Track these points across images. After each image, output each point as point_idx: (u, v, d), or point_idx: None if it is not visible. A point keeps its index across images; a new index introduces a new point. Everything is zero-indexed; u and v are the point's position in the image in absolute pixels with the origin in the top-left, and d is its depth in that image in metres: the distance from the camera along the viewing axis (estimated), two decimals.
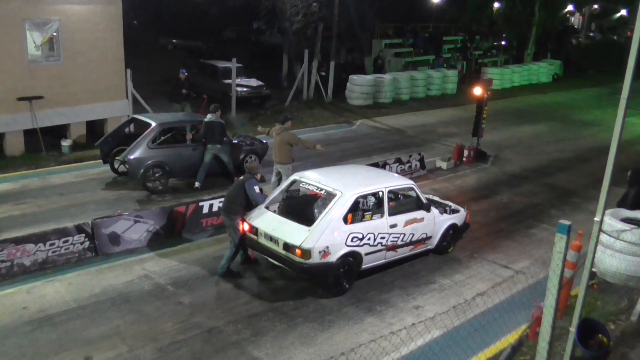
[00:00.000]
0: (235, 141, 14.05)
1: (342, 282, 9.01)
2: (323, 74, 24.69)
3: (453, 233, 10.54)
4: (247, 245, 9.59)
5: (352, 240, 8.86)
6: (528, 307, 7.97)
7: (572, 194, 14.30)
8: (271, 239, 8.94)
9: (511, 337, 7.79)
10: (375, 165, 14.00)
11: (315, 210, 9.24)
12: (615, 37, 49.59)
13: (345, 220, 8.83)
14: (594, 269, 8.45)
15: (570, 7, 45.25)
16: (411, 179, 14.37)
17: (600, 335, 7.33)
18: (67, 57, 15.88)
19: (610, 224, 9.17)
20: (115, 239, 10.06)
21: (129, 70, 17.39)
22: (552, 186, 14.93)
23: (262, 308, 8.55)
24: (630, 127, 20.88)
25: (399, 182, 10.14)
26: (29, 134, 15.52)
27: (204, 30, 39.32)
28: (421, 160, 15.15)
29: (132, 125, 15.08)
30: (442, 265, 10.17)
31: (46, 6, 15.27)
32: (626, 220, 9.33)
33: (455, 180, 14.99)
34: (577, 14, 56.93)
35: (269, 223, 9.12)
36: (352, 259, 8.96)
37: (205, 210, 11.17)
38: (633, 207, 9.87)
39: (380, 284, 9.37)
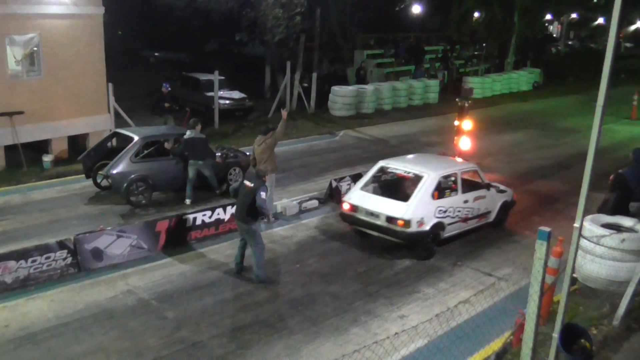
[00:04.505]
0: (218, 154, 14.04)
1: (432, 248, 10.79)
2: (305, 85, 24.79)
3: (504, 209, 11.96)
4: (346, 221, 11.30)
5: (438, 213, 10.72)
6: (512, 314, 8.01)
7: (554, 201, 14.45)
8: (372, 214, 10.69)
9: (495, 345, 7.84)
10: (359, 175, 14.07)
11: (408, 190, 11.10)
12: (593, 45, 50.31)
13: (433, 196, 10.70)
14: (575, 275, 8.56)
15: (548, 16, 45.95)
16: None
17: (582, 340, 7.39)
18: (48, 72, 15.82)
19: (591, 230, 9.30)
20: (98, 254, 9.99)
21: (110, 84, 17.35)
22: (534, 193, 15.07)
23: (246, 321, 8.53)
24: (610, 134, 21.25)
25: (467, 165, 12.15)
26: (10, 149, 15.41)
27: (186, 42, 39.29)
28: None
29: (114, 140, 15.03)
30: (426, 274, 10.22)
31: (26, 21, 15.22)
32: (606, 225, 9.47)
33: None
34: (556, 23, 57.79)
35: (368, 201, 10.91)
36: (438, 228, 10.77)
37: (189, 223, 11.14)
38: (613, 213, 10.01)
39: (365, 294, 9.40)
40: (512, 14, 33.90)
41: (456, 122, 16.03)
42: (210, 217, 11.45)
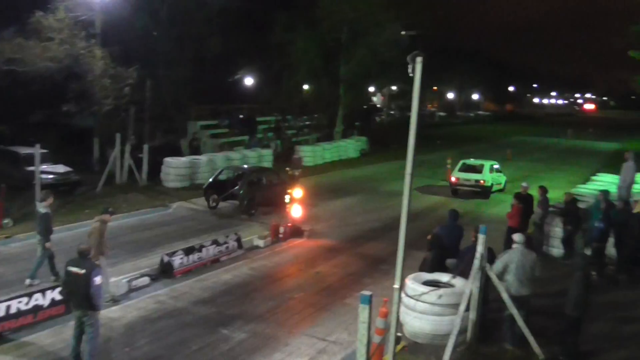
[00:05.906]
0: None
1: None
2: (140, 156, 24.05)
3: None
4: (454, 186, 23.95)
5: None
6: None
7: (382, 262, 15.17)
8: (467, 180, 23.50)
9: None
10: (192, 248, 13.78)
11: (476, 170, 24.04)
12: None
13: (490, 171, 23.84)
14: (400, 334, 8.99)
15: (372, 89, 49.71)
16: (229, 260, 14.46)
17: None
18: None
19: (413, 288, 9.91)
20: None
21: None
22: (364, 255, 15.74)
23: None
24: (429, 195, 23.05)
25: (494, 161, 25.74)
26: None
27: (7, 114, 36.65)
28: (238, 240, 15.15)
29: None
30: (262, 346, 10.06)
31: None
32: (427, 282, 10.16)
33: (273, 257, 15.20)
34: (379, 94, 62.67)
35: (464, 175, 23.63)
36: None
37: (2, 312, 10.04)
38: (432, 270, 10.78)
39: None
40: (338, 86, 36.26)
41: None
42: (27, 303, 10.41)
